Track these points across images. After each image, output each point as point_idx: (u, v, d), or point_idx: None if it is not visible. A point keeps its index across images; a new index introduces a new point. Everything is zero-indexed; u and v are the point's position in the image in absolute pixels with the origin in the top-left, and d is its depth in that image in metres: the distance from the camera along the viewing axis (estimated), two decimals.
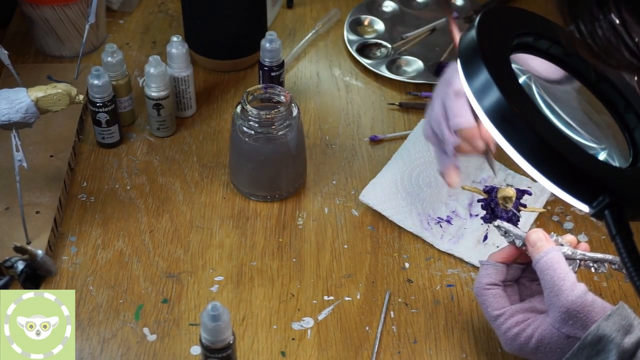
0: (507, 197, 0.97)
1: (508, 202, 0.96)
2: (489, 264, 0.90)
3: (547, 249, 0.85)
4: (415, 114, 1.26)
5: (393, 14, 1.46)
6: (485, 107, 0.70)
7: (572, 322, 0.81)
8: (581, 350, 0.78)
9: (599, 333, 0.78)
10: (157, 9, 1.46)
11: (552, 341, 0.82)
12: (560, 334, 0.82)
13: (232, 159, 1.13)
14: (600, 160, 0.75)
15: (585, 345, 0.78)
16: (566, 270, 0.83)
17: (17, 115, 0.98)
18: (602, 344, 0.77)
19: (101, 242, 1.06)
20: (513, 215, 0.97)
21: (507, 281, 0.90)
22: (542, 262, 0.84)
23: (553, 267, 0.83)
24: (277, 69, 1.21)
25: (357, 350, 0.95)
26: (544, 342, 0.83)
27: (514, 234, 0.89)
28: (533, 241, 0.86)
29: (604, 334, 0.77)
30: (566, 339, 0.81)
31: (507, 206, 0.96)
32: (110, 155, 1.18)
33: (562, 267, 0.83)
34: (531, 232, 0.87)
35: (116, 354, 0.94)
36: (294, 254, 1.06)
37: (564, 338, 0.81)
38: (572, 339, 0.81)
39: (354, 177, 1.16)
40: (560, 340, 0.82)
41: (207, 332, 0.82)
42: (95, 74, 1.12)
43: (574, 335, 0.81)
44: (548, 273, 0.83)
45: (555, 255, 0.84)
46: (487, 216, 0.99)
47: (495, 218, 0.96)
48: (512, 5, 1.21)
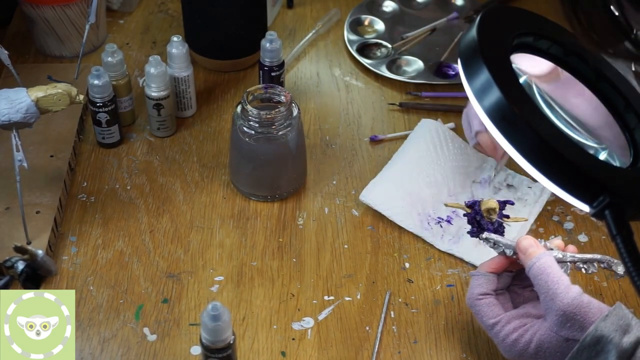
0: (490, 208, 0.96)
1: (492, 214, 0.96)
2: (480, 274, 0.90)
3: (538, 254, 0.85)
4: (415, 114, 1.26)
5: (393, 14, 1.47)
6: (486, 107, 0.70)
7: (569, 324, 0.81)
8: (580, 352, 0.78)
9: (598, 334, 0.78)
10: (157, 9, 1.46)
11: (551, 345, 0.82)
12: (559, 337, 0.82)
13: (232, 159, 1.13)
14: (601, 160, 0.75)
15: (585, 347, 0.78)
16: (559, 274, 0.83)
17: (17, 115, 0.98)
18: (601, 345, 0.77)
19: (101, 242, 1.06)
20: (499, 226, 0.96)
21: (499, 290, 0.90)
22: (535, 268, 0.84)
23: (546, 271, 0.83)
24: (277, 69, 1.21)
25: (357, 350, 0.95)
26: (543, 346, 0.83)
27: (503, 244, 0.89)
28: (524, 248, 0.86)
29: (602, 334, 0.77)
30: (565, 342, 0.81)
31: (492, 218, 0.96)
32: (111, 155, 1.18)
33: (555, 271, 0.83)
34: (521, 240, 0.87)
35: (116, 354, 0.94)
36: (294, 254, 1.06)
37: (562, 341, 0.81)
38: (571, 342, 0.81)
39: (354, 177, 1.16)
40: (560, 343, 0.82)
41: (207, 332, 0.82)
42: (96, 74, 1.12)
43: (573, 337, 0.81)
44: (542, 278, 0.83)
45: (547, 260, 0.84)
46: (474, 230, 0.97)
47: (482, 231, 0.95)
48: (512, 5, 1.21)
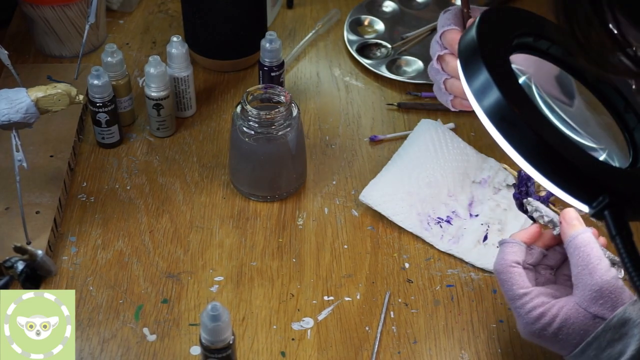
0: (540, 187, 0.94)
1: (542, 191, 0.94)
2: (514, 242, 0.88)
3: (584, 227, 0.84)
4: (415, 114, 1.26)
5: (393, 14, 1.47)
6: (485, 107, 0.70)
7: (602, 301, 0.80)
8: (605, 332, 0.78)
9: (626, 316, 0.77)
10: (157, 9, 1.46)
11: (577, 321, 0.81)
12: (587, 313, 0.81)
13: (232, 159, 1.13)
14: (600, 161, 0.75)
15: (610, 328, 0.78)
16: (602, 252, 0.83)
17: (17, 115, 0.98)
18: (627, 328, 0.77)
19: (101, 242, 1.06)
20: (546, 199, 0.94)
21: (527, 264, 0.89)
22: (579, 239, 0.83)
23: (590, 245, 0.83)
24: (277, 69, 1.21)
25: (357, 351, 0.95)
26: (569, 322, 0.81)
27: (544, 212, 0.88)
28: (570, 218, 0.85)
29: (630, 317, 0.77)
30: (592, 320, 0.80)
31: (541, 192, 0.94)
32: (110, 155, 1.18)
33: (598, 248, 0.83)
34: (568, 210, 0.85)
35: (116, 354, 0.94)
36: (294, 254, 1.06)
37: (590, 318, 0.80)
38: (598, 320, 0.80)
39: (354, 177, 1.16)
40: (586, 320, 0.81)
41: (207, 332, 0.82)
42: (95, 74, 1.12)
43: (602, 315, 0.80)
44: (585, 250, 0.82)
45: (591, 236, 0.84)
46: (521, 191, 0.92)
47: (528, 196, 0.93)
48: (512, 5, 1.21)
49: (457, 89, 0.91)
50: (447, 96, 0.94)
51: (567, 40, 0.59)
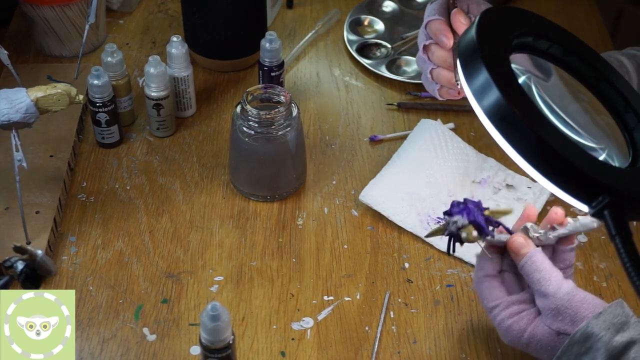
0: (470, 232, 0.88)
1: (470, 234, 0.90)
2: (482, 256, 0.90)
3: (529, 253, 0.85)
4: (415, 114, 1.26)
5: (393, 14, 1.46)
6: (485, 107, 0.70)
7: (561, 317, 0.82)
8: (571, 346, 0.79)
9: (588, 330, 0.78)
10: (157, 9, 1.46)
11: (543, 337, 0.83)
12: (551, 331, 0.83)
13: (232, 159, 1.13)
14: (600, 161, 0.75)
15: (575, 342, 0.79)
16: (550, 270, 0.84)
17: (17, 115, 0.98)
18: (591, 342, 0.78)
19: (101, 242, 1.06)
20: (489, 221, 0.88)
21: (506, 271, 0.90)
22: (526, 267, 0.85)
23: (538, 269, 0.84)
24: (277, 69, 1.21)
25: (356, 351, 0.95)
26: (536, 337, 0.83)
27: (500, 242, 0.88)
28: (516, 249, 0.86)
29: (592, 332, 0.78)
30: (556, 336, 0.82)
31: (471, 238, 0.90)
32: (110, 155, 1.18)
33: (546, 268, 0.84)
34: (511, 241, 0.86)
35: (116, 354, 0.94)
36: (294, 254, 1.06)
37: (554, 335, 0.82)
38: (562, 336, 0.82)
39: (354, 177, 1.16)
40: (552, 337, 0.82)
41: (206, 332, 0.82)
42: (95, 74, 1.12)
43: (564, 331, 0.82)
44: (534, 276, 0.84)
45: (538, 258, 0.85)
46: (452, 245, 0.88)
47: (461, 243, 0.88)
48: (512, 5, 1.21)
49: (444, 78, 0.92)
50: (434, 85, 0.94)
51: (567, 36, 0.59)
